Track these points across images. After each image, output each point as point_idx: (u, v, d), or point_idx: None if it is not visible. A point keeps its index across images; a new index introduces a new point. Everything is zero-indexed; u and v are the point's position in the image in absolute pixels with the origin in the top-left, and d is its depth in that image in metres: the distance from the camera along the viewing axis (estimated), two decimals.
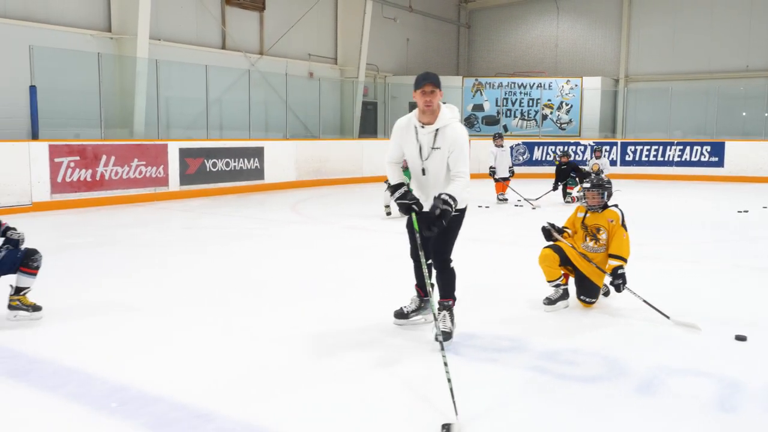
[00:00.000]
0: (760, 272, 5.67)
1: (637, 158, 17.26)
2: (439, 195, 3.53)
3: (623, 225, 4.39)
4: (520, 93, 19.16)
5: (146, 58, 11.96)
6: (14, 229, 4.06)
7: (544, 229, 4.53)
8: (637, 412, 2.71)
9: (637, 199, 11.41)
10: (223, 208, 10.11)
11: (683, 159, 16.79)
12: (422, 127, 3.64)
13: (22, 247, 4.02)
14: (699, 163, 16.61)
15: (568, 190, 10.66)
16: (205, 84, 12.82)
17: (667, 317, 4.01)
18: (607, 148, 17.32)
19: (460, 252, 3.90)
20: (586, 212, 4.50)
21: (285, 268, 5.88)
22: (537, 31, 21.71)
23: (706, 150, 16.55)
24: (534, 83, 19.18)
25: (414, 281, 4.04)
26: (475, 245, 6.47)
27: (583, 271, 4.37)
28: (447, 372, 2.83)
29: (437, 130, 3.60)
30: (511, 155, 12.19)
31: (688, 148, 16.74)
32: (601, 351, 3.48)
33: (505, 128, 19.03)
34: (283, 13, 15.78)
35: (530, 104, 19.19)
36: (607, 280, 4.31)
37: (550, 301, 4.37)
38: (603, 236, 4.42)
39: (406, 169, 3.87)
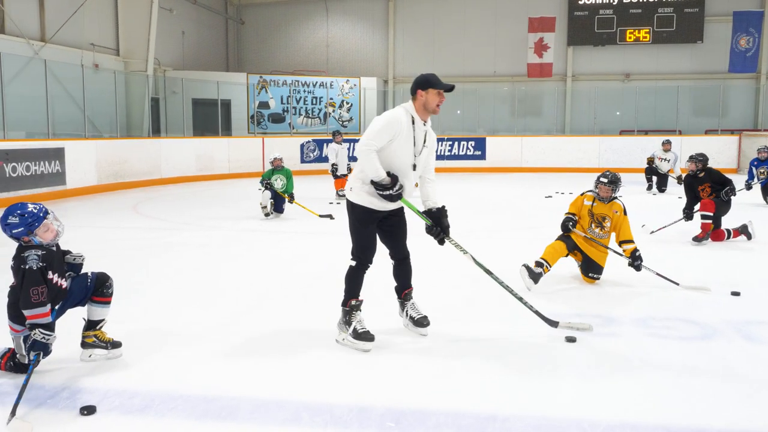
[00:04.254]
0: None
1: None
2: (442, 208, 4.02)
3: (625, 214, 5.53)
4: (304, 91, 20.79)
5: None
6: (69, 252, 3.69)
7: (564, 225, 5.60)
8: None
9: (462, 188, 13.79)
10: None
11: (452, 153, 20.05)
12: (423, 123, 3.94)
13: (89, 273, 3.70)
14: (466, 157, 20.03)
15: None
16: None
17: (677, 284, 5.30)
18: None
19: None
20: (593, 201, 5.61)
21: (231, 282, 6.31)
22: (308, 30, 23.55)
23: (471, 145, 20.04)
24: (317, 82, 20.97)
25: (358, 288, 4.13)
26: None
27: (589, 254, 5.53)
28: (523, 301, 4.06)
29: (426, 130, 3.98)
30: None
31: (456, 143, 20.05)
32: (632, 313, 4.93)
33: (291, 126, 20.47)
34: None
35: (314, 102, 20.93)
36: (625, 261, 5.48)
37: (528, 269, 5.30)
38: (607, 224, 5.52)
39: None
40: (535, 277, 5.35)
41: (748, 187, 11.05)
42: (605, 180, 5.57)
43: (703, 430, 2.92)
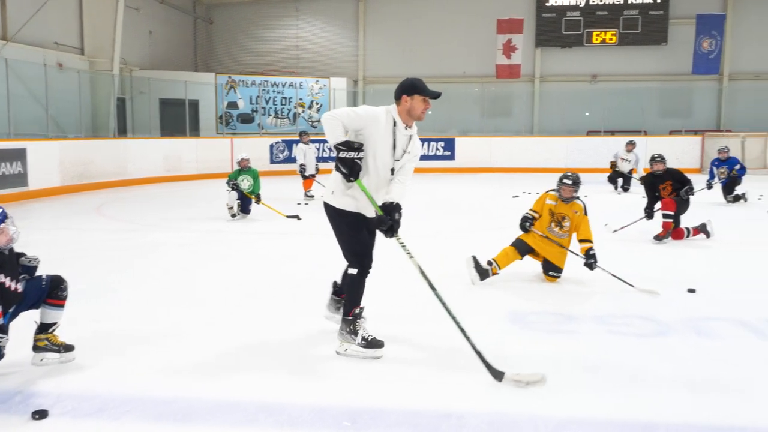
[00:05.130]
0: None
1: None
2: (396, 204, 3.71)
3: (586, 214, 5.61)
4: (274, 91, 20.71)
5: None
6: (24, 254, 3.61)
7: (522, 225, 5.68)
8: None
9: (431, 189, 13.85)
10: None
11: (422, 154, 20.05)
12: (405, 128, 3.79)
13: (44, 275, 3.61)
14: (435, 157, 20.13)
15: None
16: None
17: (632, 286, 5.33)
18: None
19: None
20: (555, 201, 5.68)
21: (194, 283, 6.23)
22: (278, 30, 23.46)
23: (441, 145, 20.14)
24: (286, 82, 20.91)
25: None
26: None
27: (546, 255, 5.62)
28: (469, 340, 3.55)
29: (411, 136, 3.84)
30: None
31: (426, 143, 20.13)
32: (592, 311, 5.08)
33: (260, 126, 20.38)
34: None
35: (283, 103, 20.86)
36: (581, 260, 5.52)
37: (476, 262, 5.46)
38: (566, 224, 5.60)
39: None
40: (482, 272, 5.45)
41: (709, 186, 11.29)
42: (568, 181, 5.64)
43: (653, 424, 2.98)
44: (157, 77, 18.88)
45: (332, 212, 3.86)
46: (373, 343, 3.83)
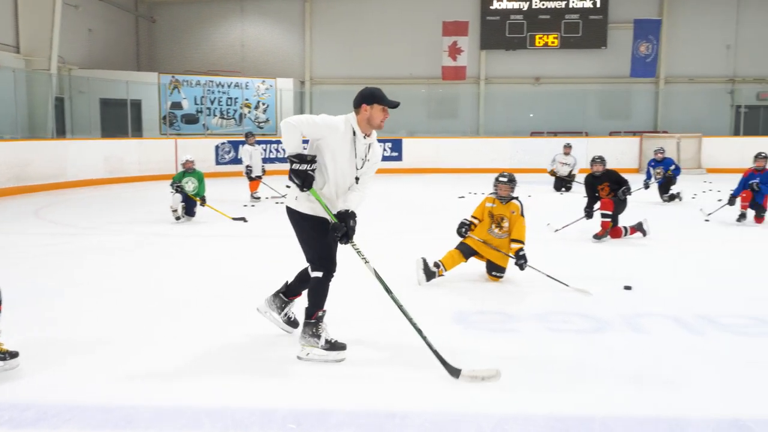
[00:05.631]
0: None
1: None
2: (351, 212, 3.78)
3: (522, 214, 5.80)
4: (219, 92, 20.44)
5: None
6: None
7: (458, 231, 5.82)
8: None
9: (378, 190, 13.89)
10: None
11: None
12: (364, 137, 3.83)
13: None
14: (383, 158, 19.94)
15: None
16: None
17: (566, 285, 5.50)
18: None
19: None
20: (493, 202, 5.85)
21: (136, 288, 6.21)
22: (222, 30, 23.18)
23: (388, 146, 20.24)
24: (232, 82, 20.67)
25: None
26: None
27: (489, 257, 5.79)
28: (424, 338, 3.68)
29: (370, 144, 3.89)
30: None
31: None
32: (532, 309, 5.37)
33: (205, 127, 20.09)
34: None
35: (229, 103, 20.61)
36: (512, 261, 5.67)
37: (425, 264, 5.56)
38: (506, 224, 5.78)
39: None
40: (429, 274, 5.54)
41: (646, 186, 11.70)
42: (504, 179, 5.82)
43: (590, 417, 3.09)
44: (98, 76, 18.42)
45: (297, 217, 3.88)
46: (336, 346, 3.85)
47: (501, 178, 5.83)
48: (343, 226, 3.73)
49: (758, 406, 3.24)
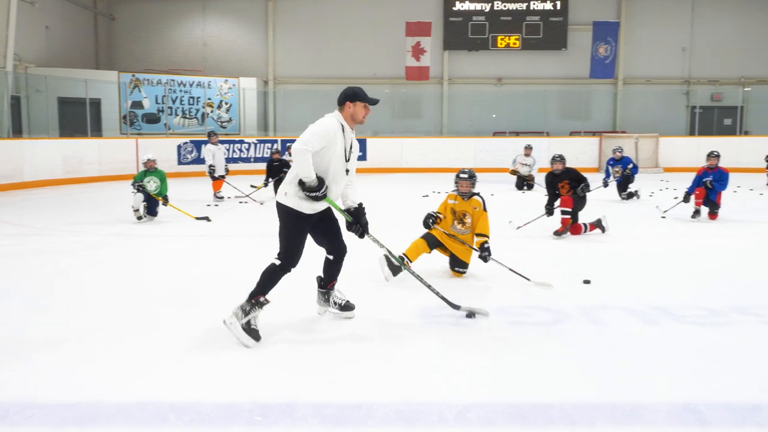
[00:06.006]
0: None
1: None
2: (362, 208, 4.35)
3: (485, 209, 5.87)
4: (181, 91, 20.22)
5: None
6: None
7: (425, 222, 5.87)
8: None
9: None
10: None
11: None
12: (351, 130, 4.27)
13: None
14: None
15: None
16: None
17: (528, 279, 5.62)
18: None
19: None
20: (455, 199, 5.94)
21: (95, 287, 6.10)
22: (184, 28, 22.91)
23: None
24: (194, 82, 20.45)
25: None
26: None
27: (453, 250, 5.86)
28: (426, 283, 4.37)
29: (353, 137, 4.29)
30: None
31: None
32: (494, 303, 5.41)
33: (167, 126, 19.85)
34: None
35: (191, 102, 20.39)
36: (476, 253, 5.74)
37: (388, 260, 5.52)
38: (468, 221, 5.85)
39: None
40: (394, 269, 5.58)
41: (605, 184, 11.96)
42: (464, 176, 5.93)
43: (549, 404, 3.19)
44: (55, 75, 18.05)
45: (283, 211, 4.17)
46: (252, 333, 4.02)
47: (462, 175, 5.94)
48: (358, 225, 4.30)
49: (708, 391, 3.37)
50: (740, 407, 3.15)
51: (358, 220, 4.32)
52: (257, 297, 4.08)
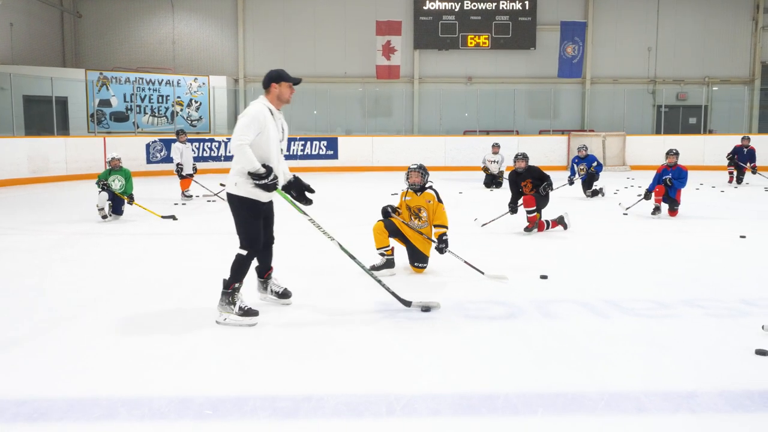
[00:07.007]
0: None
1: None
2: (299, 179, 4.63)
3: (440, 200, 5.92)
4: (150, 89, 20.04)
5: None
6: None
7: (383, 210, 5.99)
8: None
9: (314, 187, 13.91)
10: None
11: (305, 153, 20.20)
12: (279, 112, 4.47)
13: None
14: (319, 156, 20.25)
15: None
16: None
17: (482, 273, 5.74)
18: None
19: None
20: (407, 195, 6.01)
21: (55, 286, 6.18)
22: (152, 26, 22.71)
23: (323, 145, 20.29)
24: (163, 80, 20.29)
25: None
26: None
27: (412, 240, 5.90)
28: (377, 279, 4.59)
29: (281, 118, 4.50)
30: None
31: (309, 142, 20.22)
32: (451, 298, 5.51)
33: (136, 125, 19.66)
34: None
35: (160, 101, 20.23)
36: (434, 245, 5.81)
37: (374, 268, 5.70)
38: (424, 215, 5.92)
39: None
40: (389, 263, 5.78)
41: (570, 182, 12.16)
42: (414, 167, 6.00)
43: (494, 394, 3.28)
44: (20, 72, 17.78)
45: (235, 201, 4.33)
46: (249, 312, 4.33)
47: (411, 166, 6.00)
48: (303, 192, 4.62)
49: (651, 380, 3.49)
50: (676, 395, 3.28)
51: (299, 189, 4.60)
52: (232, 286, 4.32)
